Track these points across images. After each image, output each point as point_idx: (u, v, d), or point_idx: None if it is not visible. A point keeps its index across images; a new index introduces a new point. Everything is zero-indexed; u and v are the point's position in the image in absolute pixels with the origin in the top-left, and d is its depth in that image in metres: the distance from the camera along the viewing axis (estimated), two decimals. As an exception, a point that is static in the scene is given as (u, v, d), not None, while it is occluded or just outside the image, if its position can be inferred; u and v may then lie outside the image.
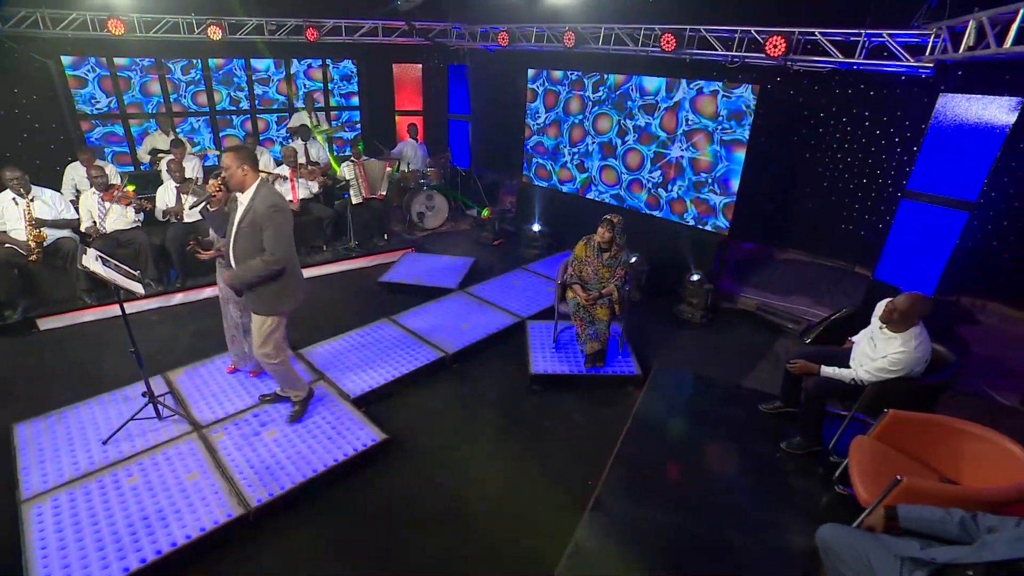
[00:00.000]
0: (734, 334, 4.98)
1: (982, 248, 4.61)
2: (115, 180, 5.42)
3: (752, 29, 4.67)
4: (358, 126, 8.76)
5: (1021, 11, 2.76)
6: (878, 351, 3.01)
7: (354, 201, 6.42)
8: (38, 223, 4.58)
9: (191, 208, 5.14)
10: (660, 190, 5.97)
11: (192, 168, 5.84)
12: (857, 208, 5.57)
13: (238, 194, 2.93)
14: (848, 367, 3.16)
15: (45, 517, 2.71)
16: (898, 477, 2.40)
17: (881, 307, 3.06)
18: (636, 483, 3.09)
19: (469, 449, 3.46)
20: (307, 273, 5.82)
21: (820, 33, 4.34)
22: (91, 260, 2.99)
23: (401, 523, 2.88)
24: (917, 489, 2.31)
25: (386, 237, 6.81)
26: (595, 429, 3.62)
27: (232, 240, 2.95)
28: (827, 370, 3.17)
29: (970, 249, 4.50)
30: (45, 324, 4.66)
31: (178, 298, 5.18)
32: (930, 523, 2.02)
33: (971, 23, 3.23)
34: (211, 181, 3.00)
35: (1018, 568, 1.67)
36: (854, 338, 3.34)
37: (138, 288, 3.08)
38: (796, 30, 4.43)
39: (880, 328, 3.02)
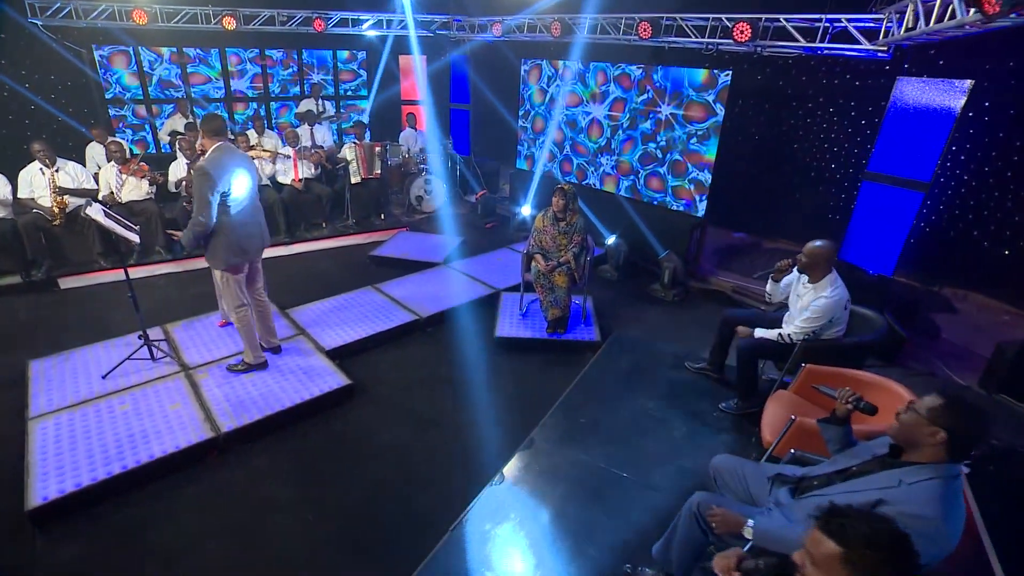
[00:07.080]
0: (700, 311, 5.16)
1: (937, 228, 4.67)
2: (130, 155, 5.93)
3: (723, 16, 4.84)
4: (364, 111, 9.17)
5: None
6: (802, 304, 3.23)
7: (353, 180, 6.80)
8: (61, 191, 5.08)
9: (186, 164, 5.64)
10: (641, 171, 6.17)
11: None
12: (833, 193, 5.65)
13: None
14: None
15: (47, 431, 3.13)
16: (792, 417, 2.61)
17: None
18: (570, 431, 3.35)
19: (425, 398, 3.76)
20: (305, 248, 6.37)
21: (784, 19, 4.50)
22: (95, 211, 3.42)
23: (350, 457, 3.20)
24: (807, 427, 2.51)
25: (383, 216, 7.18)
26: (546, 386, 3.86)
27: None
28: (759, 332, 3.40)
29: (926, 229, 4.58)
30: (65, 283, 5.16)
31: (183, 265, 5.64)
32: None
33: (910, 5, 3.38)
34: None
35: (849, 473, 1.88)
36: (768, 288, 3.54)
37: (134, 237, 3.48)
38: (762, 16, 4.59)
39: (803, 283, 3.23)
